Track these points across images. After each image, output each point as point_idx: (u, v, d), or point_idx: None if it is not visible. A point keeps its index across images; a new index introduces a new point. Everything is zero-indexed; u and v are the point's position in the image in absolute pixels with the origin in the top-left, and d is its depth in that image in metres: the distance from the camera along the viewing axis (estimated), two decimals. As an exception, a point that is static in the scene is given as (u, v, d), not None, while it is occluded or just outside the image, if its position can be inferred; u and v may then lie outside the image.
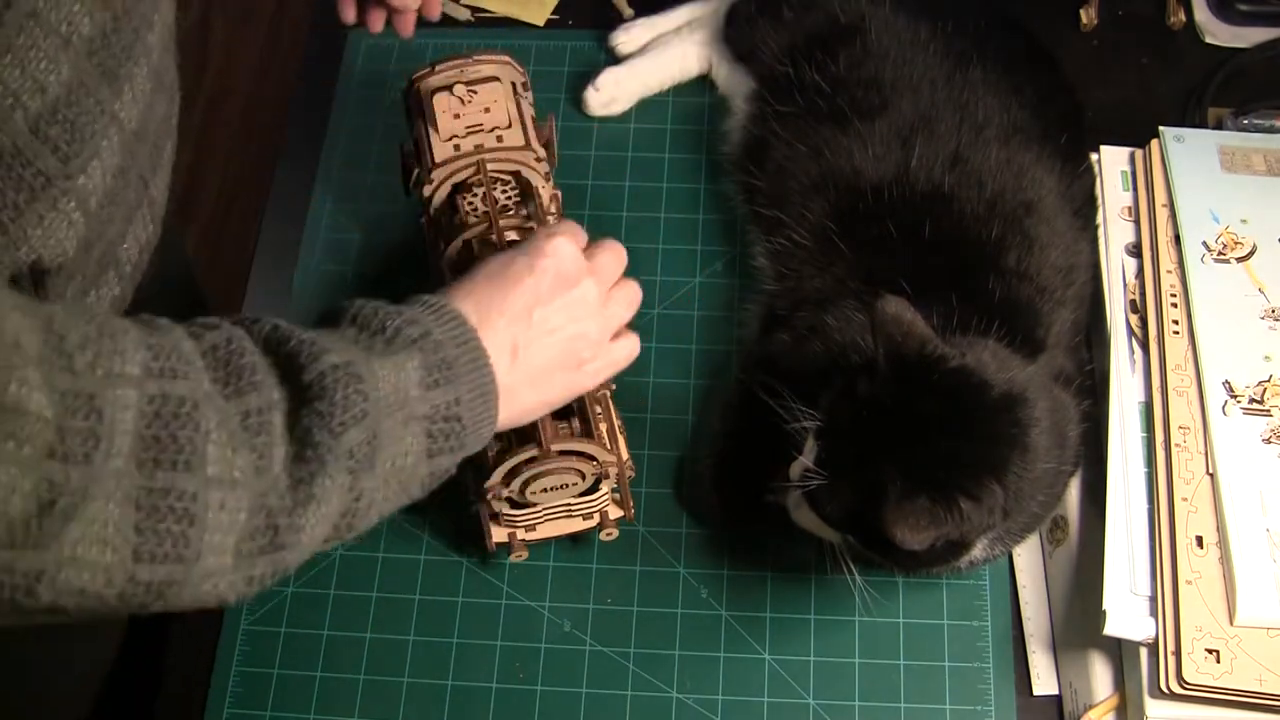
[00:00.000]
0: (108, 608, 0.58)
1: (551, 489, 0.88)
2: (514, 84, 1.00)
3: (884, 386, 0.79)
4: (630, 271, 1.08)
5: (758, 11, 1.10)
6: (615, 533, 0.95)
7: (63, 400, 0.54)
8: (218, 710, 0.93)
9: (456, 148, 0.96)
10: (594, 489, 0.91)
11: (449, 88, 0.98)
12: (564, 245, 0.78)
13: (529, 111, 1.00)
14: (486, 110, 0.98)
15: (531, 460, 0.85)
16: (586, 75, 1.17)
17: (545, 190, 0.97)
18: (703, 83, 1.18)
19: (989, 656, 0.93)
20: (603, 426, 0.89)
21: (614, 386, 0.93)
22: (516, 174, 0.96)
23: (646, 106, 1.18)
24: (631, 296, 0.84)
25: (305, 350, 0.64)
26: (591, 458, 0.87)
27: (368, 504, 0.66)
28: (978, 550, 0.84)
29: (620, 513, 0.94)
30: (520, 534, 0.93)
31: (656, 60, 1.17)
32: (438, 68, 1.00)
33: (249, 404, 0.61)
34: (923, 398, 0.79)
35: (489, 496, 0.88)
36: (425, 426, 0.68)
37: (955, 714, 0.91)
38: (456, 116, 0.97)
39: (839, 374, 0.84)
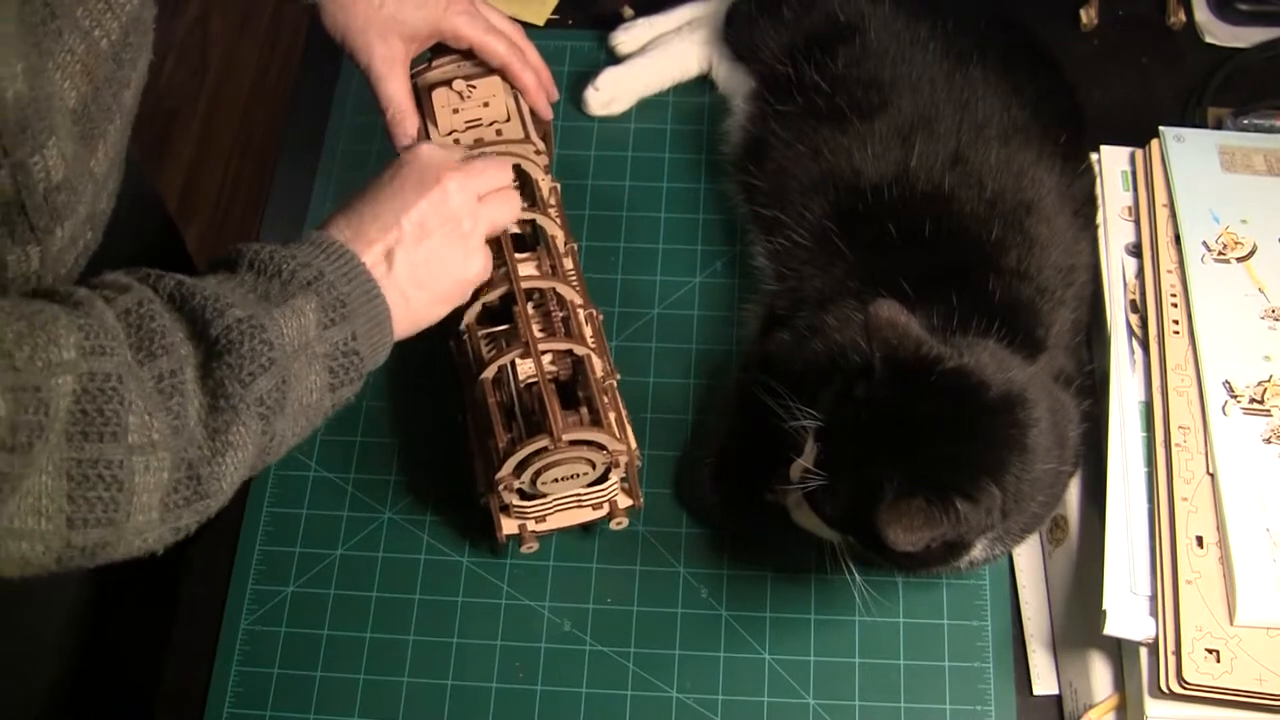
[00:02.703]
0: (47, 570, 0.62)
1: (562, 479, 0.89)
2: (511, 77, 1.00)
3: (881, 389, 0.79)
4: (630, 271, 1.09)
5: (758, 11, 1.10)
6: (625, 521, 0.94)
7: (15, 398, 0.57)
8: (218, 710, 0.93)
9: (456, 142, 0.96)
10: (603, 478, 0.91)
11: (448, 83, 0.98)
12: (423, 150, 0.82)
13: (526, 105, 1.00)
14: (485, 104, 0.98)
15: (542, 451, 0.85)
16: (586, 75, 1.17)
17: (545, 183, 0.97)
18: (703, 82, 1.18)
19: (989, 656, 0.93)
20: (611, 415, 0.89)
21: (619, 376, 0.93)
22: (516, 167, 0.96)
23: (646, 106, 1.18)
24: (512, 201, 0.88)
25: (209, 306, 0.67)
26: (602, 447, 0.87)
27: (280, 442, 0.72)
28: (977, 550, 0.84)
29: (630, 501, 0.94)
30: (530, 525, 0.93)
31: (656, 60, 1.17)
32: (435, 63, 1.00)
33: (162, 367, 0.65)
34: (921, 399, 0.79)
35: (500, 488, 0.88)
36: (327, 364, 0.73)
37: (955, 714, 0.91)
38: (455, 111, 0.97)
39: (838, 375, 0.84)
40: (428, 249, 0.80)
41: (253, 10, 2.28)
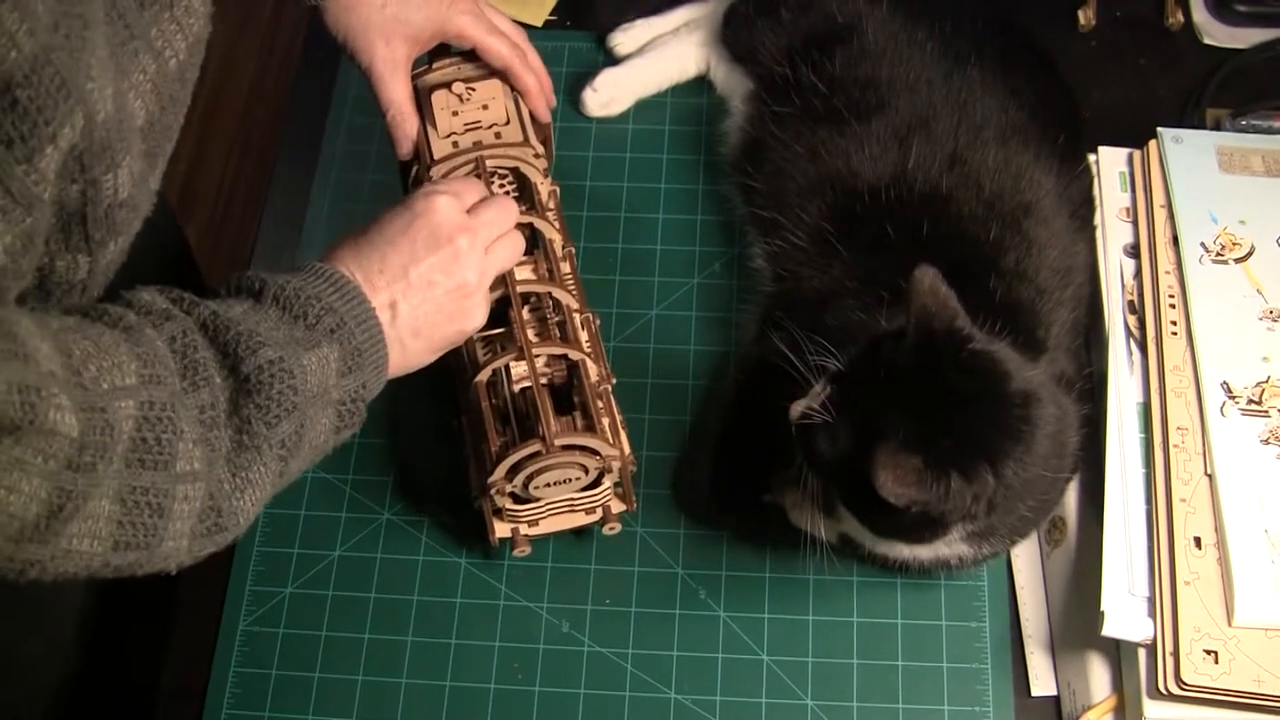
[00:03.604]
0: (74, 581, 0.64)
1: (555, 484, 0.89)
2: (511, 80, 1.00)
3: (909, 351, 0.80)
4: (628, 272, 1.09)
5: (755, 12, 1.10)
6: (618, 527, 0.94)
7: (86, 418, 0.58)
8: (216, 710, 0.93)
9: (455, 145, 0.96)
10: (597, 483, 0.91)
11: (447, 85, 0.98)
12: (440, 204, 0.82)
13: (526, 108, 1.00)
14: (484, 107, 0.98)
15: (535, 455, 0.85)
16: (585, 76, 1.17)
17: (544, 186, 0.97)
18: (701, 84, 1.18)
19: (987, 657, 0.93)
20: (605, 420, 0.89)
21: (614, 380, 0.93)
22: (515, 170, 0.96)
23: (645, 107, 1.18)
24: (516, 244, 0.89)
25: (243, 343, 0.69)
26: (595, 452, 0.87)
27: (288, 480, 0.73)
28: (963, 547, 0.84)
29: (623, 506, 0.94)
30: (523, 529, 0.93)
31: (655, 61, 1.17)
32: (434, 65, 1.00)
33: (203, 399, 0.66)
34: (945, 370, 0.79)
35: (492, 492, 0.88)
36: (337, 409, 0.75)
37: (953, 715, 0.91)
38: (455, 114, 0.97)
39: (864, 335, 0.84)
40: (431, 304, 0.80)
41: (252, 11, 2.28)
